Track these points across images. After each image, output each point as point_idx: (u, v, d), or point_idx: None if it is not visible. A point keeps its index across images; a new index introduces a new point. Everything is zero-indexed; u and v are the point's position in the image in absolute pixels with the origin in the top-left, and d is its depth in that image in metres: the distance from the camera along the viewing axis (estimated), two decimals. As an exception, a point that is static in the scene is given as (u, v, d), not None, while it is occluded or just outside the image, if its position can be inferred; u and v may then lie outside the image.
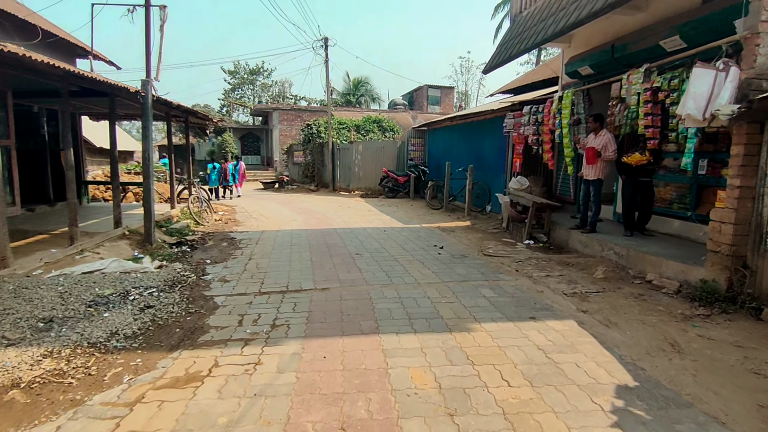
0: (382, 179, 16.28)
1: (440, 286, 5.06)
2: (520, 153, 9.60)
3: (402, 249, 7.22)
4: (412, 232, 8.98)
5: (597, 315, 4.23)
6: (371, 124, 21.75)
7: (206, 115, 9.80)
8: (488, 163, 11.62)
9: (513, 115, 9.72)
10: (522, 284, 5.20)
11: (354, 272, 5.69)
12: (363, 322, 3.92)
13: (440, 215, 11.58)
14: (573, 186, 9.16)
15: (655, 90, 5.49)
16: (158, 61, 6.66)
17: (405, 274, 5.62)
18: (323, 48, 19.08)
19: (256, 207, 13.81)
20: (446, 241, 8.03)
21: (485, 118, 11.67)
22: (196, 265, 6.15)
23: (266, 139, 32.79)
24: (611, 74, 7.50)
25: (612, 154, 6.66)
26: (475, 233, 8.96)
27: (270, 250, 7.11)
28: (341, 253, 6.85)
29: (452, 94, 35.05)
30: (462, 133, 13.47)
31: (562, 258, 6.65)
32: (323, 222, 10.37)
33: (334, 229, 9.25)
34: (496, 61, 9.31)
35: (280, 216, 11.59)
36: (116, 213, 7.06)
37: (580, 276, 5.67)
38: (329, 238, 8.26)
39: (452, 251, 7.10)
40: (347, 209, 12.99)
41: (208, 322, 3.94)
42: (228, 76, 44.88)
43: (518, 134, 9.57)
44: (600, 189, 6.96)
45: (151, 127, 6.59)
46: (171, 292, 4.74)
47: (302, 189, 21.28)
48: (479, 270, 5.87)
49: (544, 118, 8.55)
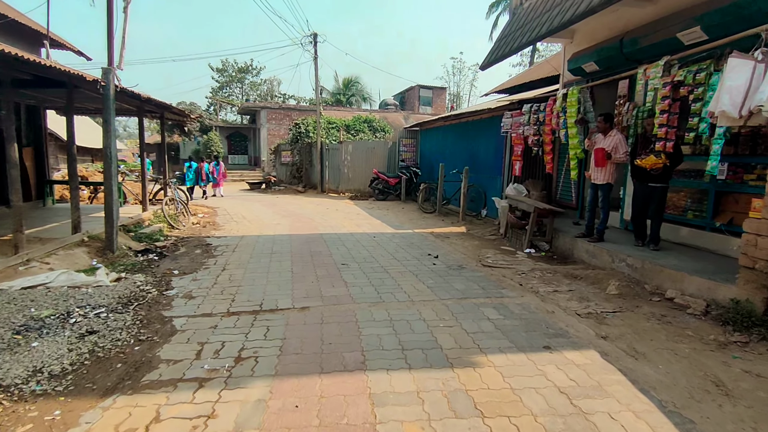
0: (373, 181, 15.64)
1: (437, 305, 4.43)
2: (520, 155, 9.04)
3: (393, 258, 6.59)
4: (404, 238, 8.35)
5: (620, 342, 3.64)
6: (361, 123, 21.10)
7: (182, 110, 9.07)
8: (484, 165, 11.05)
9: (511, 114, 9.16)
10: (529, 302, 4.60)
11: (339, 286, 5.04)
12: (347, 353, 3.27)
13: (433, 219, 10.97)
14: (575, 190, 8.62)
15: (676, 85, 4.93)
16: (122, 47, 5.95)
17: (397, 289, 4.99)
18: (312, 44, 18.39)
19: (240, 209, 13.08)
20: (441, 249, 7.41)
21: (481, 118, 11.10)
22: (161, 276, 5.45)
23: (254, 138, 31.97)
24: (619, 71, 6.97)
25: (623, 156, 6.11)
26: (472, 240, 8.36)
27: (247, 259, 6.42)
28: (326, 263, 6.19)
29: (444, 95, 34.57)
30: (456, 134, 12.89)
31: (568, 270, 6.07)
32: (309, 226, 9.70)
33: (320, 235, 8.58)
34: (495, 56, 8.73)
35: (264, 219, 10.89)
36: (75, 216, 6.32)
37: (592, 291, 5.09)
38: (314, 244, 7.59)
39: (448, 261, 6.48)
40: (335, 212, 12.33)
41: (160, 353, 3.26)
42: (216, 74, 43.91)
43: (517, 135, 9.01)
44: (609, 194, 6.40)
45: (112, 121, 5.87)
46: (123, 313, 4.04)
47: (290, 190, 20.55)
48: (479, 284, 5.26)
49: (546, 118, 7.99)
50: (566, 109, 7.35)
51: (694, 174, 6.04)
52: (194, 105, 31.42)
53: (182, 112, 9.19)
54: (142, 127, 8.62)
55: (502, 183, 10.09)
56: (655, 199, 5.64)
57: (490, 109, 10.17)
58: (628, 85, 7.04)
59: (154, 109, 9.03)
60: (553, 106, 7.83)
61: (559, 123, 7.63)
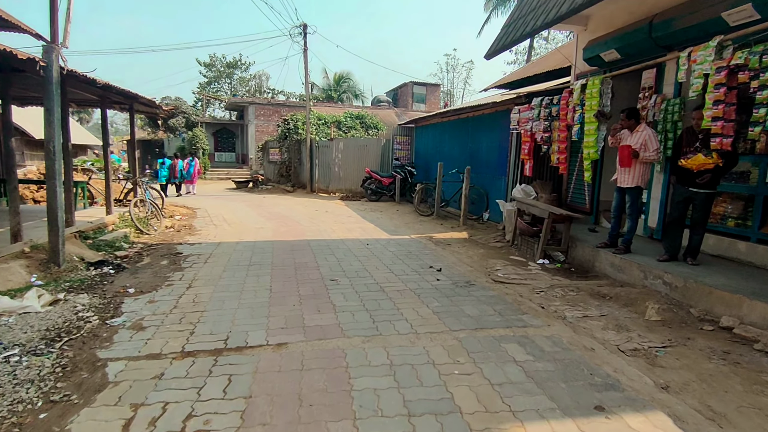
0: (365, 180, 14.75)
1: (447, 339, 3.56)
2: (529, 153, 8.21)
3: (389, 271, 5.72)
4: (401, 245, 7.48)
5: (688, 396, 2.80)
6: (353, 120, 20.19)
7: (152, 101, 8.09)
8: (486, 164, 10.21)
9: (519, 109, 8.33)
10: (559, 334, 3.75)
11: (326, 312, 4.15)
12: (332, 424, 2.39)
13: (431, 223, 10.11)
14: (589, 193, 7.81)
15: (732, 70, 4.11)
16: (66, 21, 5.00)
17: (396, 315, 4.11)
18: (302, 35, 17.41)
19: (222, 210, 12.11)
20: (443, 259, 6.56)
21: (483, 113, 10.26)
22: (111, 297, 4.52)
23: (242, 135, 30.85)
24: (645, 59, 6.18)
25: (654, 154, 5.29)
26: (476, 248, 7.52)
27: (220, 273, 5.50)
28: (312, 279, 5.29)
29: (438, 92, 33.75)
30: (455, 131, 12.04)
31: (592, 286, 5.25)
32: (295, 231, 8.79)
33: (307, 242, 7.68)
34: (502, 43, 7.89)
35: (247, 222, 9.95)
36: (14, 223, 5.35)
37: (628, 317, 4.26)
38: (300, 254, 6.69)
39: (453, 275, 5.62)
40: (325, 214, 11.42)
41: (71, 427, 2.35)
42: (204, 68, 42.56)
43: (525, 131, 8.19)
44: (638, 199, 5.59)
45: (56, 109, 4.90)
46: (44, 354, 3.11)
47: (278, 189, 19.56)
48: (494, 307, 4.40)
49: (561, 112, 7.17)
50: (584, 101, 6.53)
51: (737, 176, 5.26)
52: (180, 100, 30.14)
53: (152, 102, 8.21)
54: (105, 119, 7.62)
55: (507, 184, 9.27)
56: (699, 206, 4.83)
57: (494, 103, 9.33)
58: (655, 76, 6.26)
59: (120, 100, 8.04)
60: (568, 98, 7.01)
61: (574, 118, 6.81)
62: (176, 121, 28.34)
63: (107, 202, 7.92)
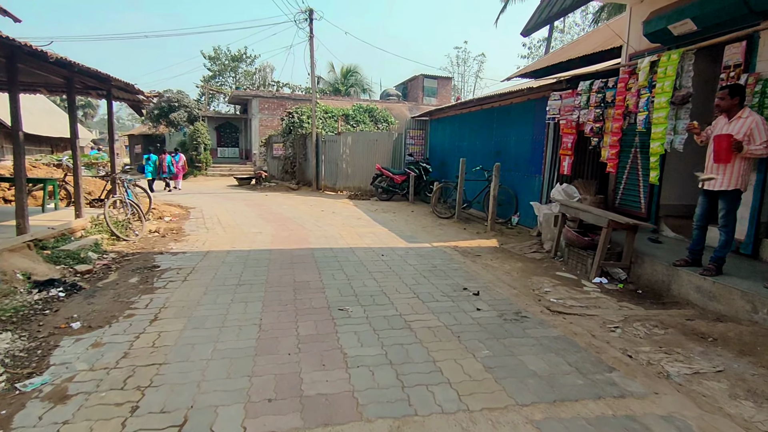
0: (375, 178, 13.53)
1: (519, 425, 2.36)
2: (571, 148, 6.96)
3: (414, 295, 4.52)
4: (423, 257, 6.27)
5: None
6: (362, 113, 18.96)
7: (132, 85, 6.92)
8: (515, 160, 8.95)
9: (561, 95, 7.07)
10: (681, 414, 2.53)
11: (334, 368, 2.96)
12: None
13: (452, 227, 8.88)
14: (645, 195, 6.54)
15: None
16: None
17: (434, 373, 2.91)
18: (307, 21, 16.18)
19: (218, 210, 10.97)
20: (477, 276, 5.34)
21: (513, 102, 8.99)
22: (45, 336, 3.36)
23: (245, 129, 29.73)
24: (733, 29, 4.92)
25: (762, 147, 4.04)
26: (511, 260, 6.29)
27: (199, 297, 4.33)
28: (315, 308, 4.11)
29: (450, 86, 32.43)
30: (477, 123, 10.77)
31: (677, 319, 4.01)
32: (298, 236, 7.61)
33: (311, 251, 6.50)
34: (542, 17, 6.64)
35: (243, 225, 8.79)
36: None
37: (755, 373, 3.03)
38: (301, 268, 5.51)
39: (496, 301, 4.41)
40: (332, 215, 10.23)
41: None
42: (208, 62, 41.43)
43: (568, 122, 6.93)
44: (735, 205, 4.34)
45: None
46: None
47: (281, 187, 18.43)
48: (566, 358, 3.19)
49: (617, 97, 5.91)
50: (654, 83, 5.27)
51: None
52: (182, 93, 29.00)
53: (130, 86, 7.03)
54: (72, 105, 6.45)
55: (542, 183, 8.02)
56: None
57: (529, 90, 8.04)
58: (744, 50, 4.99)
59: (94, 84, 6.88)
60: (628, 80, 5.76)
61: (639, 104, 5.56)
62: (178, 115, 27.23)
63: (77, 203, 6.75)
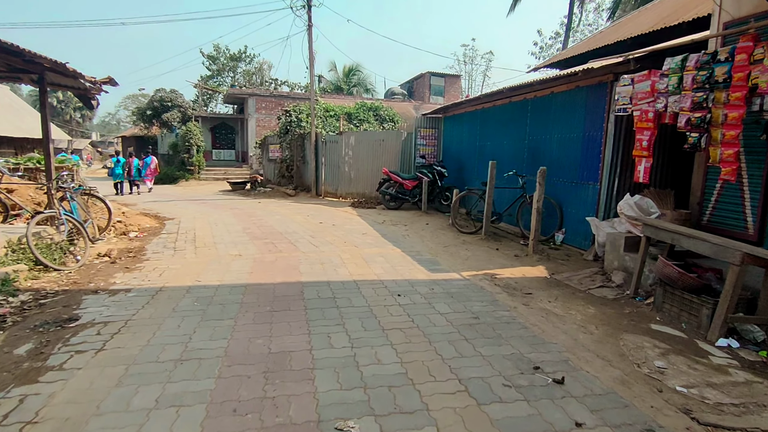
0: (382, 183, 11.81)
1: None
2: (648, 147, 5.24)
3: (458, 383, 2.80)
4: (454, 298, 4.55)
5: None
6: (366, 112, 17.27)
7: (66, 65, 5.26)
8: (559, 164, 7.22)
9: (633, 78, 5.35)
10: None
11: None
12: None
13: (481, 247, 7.14)
14: (756, 210, 4.80)
15: None
16: None
17: None
18: (305, 8, 14.52)
19: (199, 223, 9.28)
20: (540, 332, 3.62)
21: (554, 92, 7.26)
22: None
23: (241, 130, 28.07)
24: None
25: None
26: (575, 300, 4.57)
27: (108, 390, 2.63)
28: (295, 424, 2.39)
29: (458, 83, 30.78)
30: (504, 119, 9.05)
31: None
32: (287, 262, 5.90)
33: (301, 288, 4.79)
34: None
35: (222, 243, 7.09)
36: None
37: None
38: (283, 323, 3.80)
39: (595, 396, 2.68)
40: (332, 230, 8.52)
41: None
42: (207, 61, 39.86)
43: (643, 112, 5.22)
44: None
45: None
46: None
47: (278, 192, 16.76)
48: None
49: (733, 75, 4.19)
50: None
51: None
52: (175, 92, 27.37)
53: (73, 71, 5.39)
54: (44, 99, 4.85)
55: (598, 193, 6.29)
56: None
57: (582, 73, 6.28)
58: None
59: (20, 65, 5.20)
60: (752, 50, 4.03)
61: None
62: (170, 115, 25.64)
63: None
